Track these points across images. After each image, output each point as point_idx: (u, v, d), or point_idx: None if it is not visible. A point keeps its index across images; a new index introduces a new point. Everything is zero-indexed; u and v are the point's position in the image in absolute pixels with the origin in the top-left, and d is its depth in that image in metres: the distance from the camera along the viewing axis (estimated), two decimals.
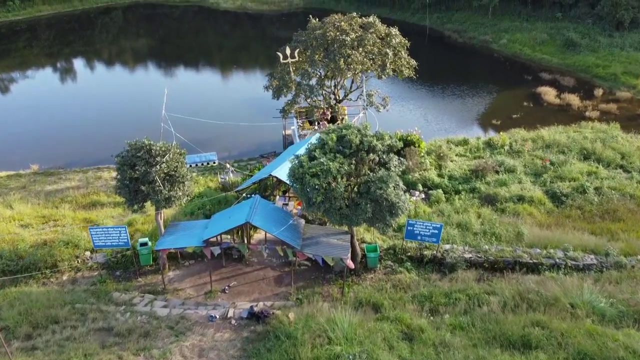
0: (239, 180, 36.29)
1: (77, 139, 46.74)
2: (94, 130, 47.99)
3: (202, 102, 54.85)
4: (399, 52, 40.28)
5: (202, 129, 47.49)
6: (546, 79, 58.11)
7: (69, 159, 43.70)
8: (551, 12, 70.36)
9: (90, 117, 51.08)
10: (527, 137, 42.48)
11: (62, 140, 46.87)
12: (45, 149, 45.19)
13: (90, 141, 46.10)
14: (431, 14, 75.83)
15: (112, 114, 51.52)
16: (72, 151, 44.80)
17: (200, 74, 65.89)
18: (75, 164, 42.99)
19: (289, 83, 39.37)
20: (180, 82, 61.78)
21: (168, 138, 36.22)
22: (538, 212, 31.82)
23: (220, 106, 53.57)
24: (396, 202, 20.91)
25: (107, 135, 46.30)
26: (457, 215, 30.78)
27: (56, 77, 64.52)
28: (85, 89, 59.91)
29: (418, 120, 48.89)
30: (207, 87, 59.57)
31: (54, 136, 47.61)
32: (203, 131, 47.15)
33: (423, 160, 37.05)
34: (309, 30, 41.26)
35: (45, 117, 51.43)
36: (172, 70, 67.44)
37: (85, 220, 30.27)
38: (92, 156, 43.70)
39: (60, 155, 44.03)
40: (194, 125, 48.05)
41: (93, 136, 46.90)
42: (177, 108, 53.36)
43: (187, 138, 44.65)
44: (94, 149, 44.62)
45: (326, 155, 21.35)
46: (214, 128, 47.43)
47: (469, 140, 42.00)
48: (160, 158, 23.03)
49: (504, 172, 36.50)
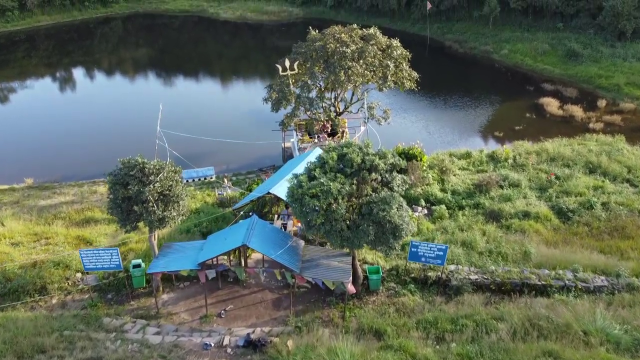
0: (236, 195, 35.28)
1: (73, 152, 45.75)
2: (91, 143, 47.00)
3: (201, 113, 53.95)
4: (401, 64, 39.40)
5: (198, 143, 46.36)
6: (548, 89, 57.24)
7: (64, 173, 42.69)
8: (552, 23, 69.62)
9: (88, 129, 50.16)
10: (531, 150, 41.50)
11: (58, 152, 45.89)
12: (40, 162, 44.16)
13: (87, 154, 45.09)
14: (431, 24, 75.12)
15: (109, 126, 50.59)
16: (68, 164, 43.81)
17: (199, 85, 65.07)
18: (71, 177, 41.98)
19: (288, 96, 38.47)
20: (179, 92, 60.97)
21: (163, 154, 35.29)
22: (544, 228, 30.77)
23: (219, 117, 52.75)
24: (400, 224, 19.88)
25: (104, 148, 45.32)
26: (462, 233, 29.73)
27: (54, 88, 63.66)
28: (83, 101, 59.03)
29: (420, 132, 47.97)
30: (206, 97, 58.70)
31: (50, 148, 46.62)
32: (200, 145, 46.10)
33: (425, 175, 36.06)
34: (309, 41, 40.44)
35: (41, 129, 50.46)
36: (171, 81, 66.64)
37: (78, 239, 29.23)
38: (88, 169, 42.67)
39: (55, 169, 43.02)
40: (190, 139, 47.13)
41: (90, 149, 45.89)
42: (174, 120, 52.47)
43: (183, 153, 43.49)
44: (91, 162, 43.61)
45: (326, 174, 20.35)
46: (211, 141, 46.47)
47: (472, 154, 41.01)
48: (154, 177, 22.02)
49: (509, 187, 35.48)
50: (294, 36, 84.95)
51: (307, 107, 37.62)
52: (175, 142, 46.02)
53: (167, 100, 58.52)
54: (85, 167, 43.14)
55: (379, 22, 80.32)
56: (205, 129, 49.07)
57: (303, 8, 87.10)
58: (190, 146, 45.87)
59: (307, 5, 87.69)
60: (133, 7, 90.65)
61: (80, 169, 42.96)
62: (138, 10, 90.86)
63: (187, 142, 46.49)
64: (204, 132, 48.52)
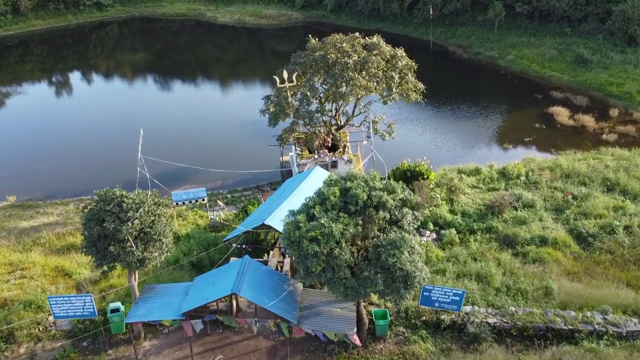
0: (230, 218, 32.50)
1: (61, 166, 42.90)
2: (80, 156, 44.16)
3: (195, 121, 51.10)
4: (406, 76, 36.61)
5: (190, 158, 43.63)
6: (558, 97, 54.40)
7: (50, 189, 39.89)
8: (559, 27, 66.75)
9: (77, 142, 47.26)
10: (543, 166, 38.71)
11: (44, 167, 42.96)
12: (25, 177, 41.36)
13: (75, 168, 42.30)
14: (434, 28, 72.21)
15: (100, 138, 47.63)
16: (55, 180, 40.98)
17: (194, 91, 62.09)
18: (57, 194, 39.21)
19: (287, 109, 35.71)
20: (174, 98, 58.04)
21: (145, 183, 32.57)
22: (563, 256, 28.03)
23: (214, 127, 49.87)
24: (412, 271, 17.11)
25: (93, 162, 42.54)
26: (475, 263, 26.98)
27: (45, 96, 60.60)
28: (74, 110, 56.11)
29: (426, 145, 45.16)
30: (202, 105, 55.71)
31: (36, 162, 43.72)
32: (192, 158, 43.29)
33: (433, 195, 33.27)
34: (308, 50, 37.63)
35: (28, 141, 47.53)
36: (166, 88, 63.73)
37: (57, 270, 26.49)
38: (76, 186, 39.91)
39: (40, 185, 40.18)
40: (181, 153, 44.25)
41: (78, 163, 43.08)
42: (166, 130, 49.72)
43: (172, 169, 40.75)
44: (79, 178, 40.84)
45: (327, 213, 17.57)
46: (204, 154, 43.66)
47: (482, 170, 38.22)
48: (132, 213, 19.24)
49: (523, 208, 32.73)
50: (294, 40, 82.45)
51: (306, 122, 34.84)
52: (165, 157, 43.20)
53: (161, 107, 56.10)
54: (73, 183, 40.38)
55: (380, 26, 77.64)
56: (199, 141, 46.38)
57: (303, 12, 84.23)
58: (181, 161, 43.10)
59: (306, 9, 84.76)
60: (129, 11, 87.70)
61: (67, 185, 40.18)
62: (134, 14, 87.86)
63: (177, 157, 43.58)
64: (197, 145, 45.85)
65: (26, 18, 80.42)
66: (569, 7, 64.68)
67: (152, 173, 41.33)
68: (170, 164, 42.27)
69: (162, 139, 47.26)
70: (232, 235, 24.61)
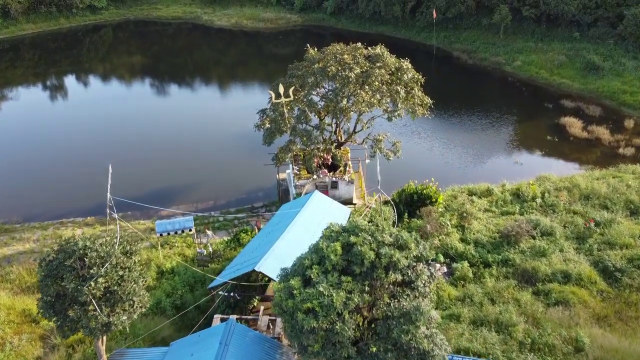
0: (220, 247, 29.26)
1: (42, 186, 39.51)
2: (64, 175, 40.74)
3: (186, 131, 47.76)
4: (412, 90, 33.34)
5: (179, 172, 40.47)
6: (569, 107, 51.10)
7: (30, 210, 36.68)
8: (568, 32, 63.34)
9: (62, 159, 43.50)
10: (560, 186, 35.47)
11: (24, 186, 39.60)
12: (3, 197, 38.11)
13: (56, 188, 39.04)
14: (437, 32, 68.82)
15: (87, 154, 43.97)
16: (35, 200, 37.72)
17: (188, 97, 58.60)
18: (36, 216, 36.03)
19: (283, 127, 32.48)
20: (167, 105, 54.64)
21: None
22: (590, 296, 24.86)
23: (206, 138, 46.24)
24: (430, 349, 13.89)
25: (76, 182, 39.10)
26: (493, 306, 23.81)
27: (30, 106, 56.54)
28: (59, 123, 51.74)
29: (433, 161, 41.81)
30: (195, 113, 52.25)
31: (15, 181, 40.29)
32: (181, 174, 40.06)
33: (443, 222, 30.04)
34: (307, 61, 34.35)
35: (6, 158, 44.02)
36: (159, 95, 60.45)
37: (23, 315, 23.30)
38: (57, 207, 36.71)
39: (19, 206, 37.00)
40: (169, 167, 40.96)
41: (61, 182, 39.76)
42: (156, 140, 46.25)
43: (160, 187, 37.49)
44: (61, 199, 37.57)
45: (327, 276, 14.36)
46: (195, 173, 40.33)
47: (493, 190, 34.97)
48: (97, 269, 16.02)
49: (541, 236, 29.53)
50: (293, 43, 79.06)
51: (304, 142, 31.60)
52: (151, 172, 39.91)
53: (153, 116, 52.45)
54: (54, 203, 37.13)
55: (381, 30, 74.26)
56: (189, 154, 42.96)
57: (301, 15, 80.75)
58: (170, 179, 39.90)
59: (305, 12, 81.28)
60: (124, 14, 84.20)
61: (47, 206, 36.96)
62: (129, 17, 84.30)
63: (165, 174, 40.41)
64: (187, 158, 42.51)
65: (17, 22, 76.99)
66: (578, 11, 61.27)
67: (136, 190, 38.18)
68: (160, 185, 39.29)
69: (151, 150, 44.11)
70: (218, 281, 21.36)
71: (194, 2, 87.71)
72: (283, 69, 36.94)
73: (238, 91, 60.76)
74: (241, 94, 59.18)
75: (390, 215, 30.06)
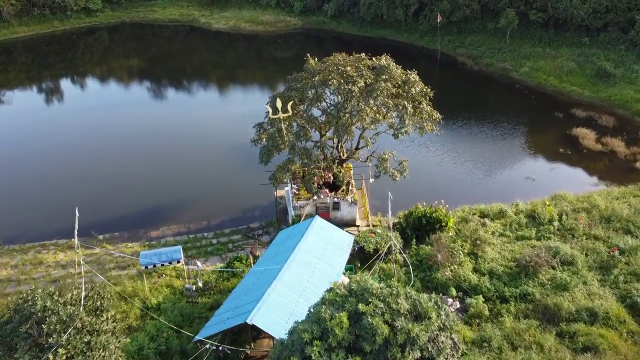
0: (212, 278, 26.53)
1: (25, 203, 36.68)
2: (47, 191, 37.92)
3: (179, 140, 44.90)
4: (420, 104, 30.59)
5: (171, 191, 37.57)
6: (580, 116, 48.39)
7: (10, 231, 33.83)
8: (577, 37, 60.54)
9: (46, 173, 40.75)
10: (578, 206, 32.73)
11: (6, 202, 36.82)
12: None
13: (39, 207, 36.11)
14: (441, 36, 65.99)
15: (74, 167, 41.30)
16: (17, 218, 34.98)
17: (183, 103, 55.52)
18: (17, 238, 33.22)
19: (281, 144, 29.74)
20: (160, 114, 51.79)
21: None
22: (620, 338, 22.19)
23: (200, 151, 43.27)
24: None
25: (62, 198, 36.41)
26: (513, 352, 21.13)
27: (17, 115, 53.39)
28: (51, 129, 49.42)
29: (441, 177, 39.04)
30: (189, 121, 49.41)
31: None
32: (173, 192, 37.16)
33: (455, 250, 27.31)
34: (306, 72, 31.55)
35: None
36: (155, 97, 57.67)
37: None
38: (39, 227, 33.93)
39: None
40: (159, 184, 38.06)
41: (45, 199, 36.91)
42: (147, 149, 43.48)
43: (150, 206, 34.54)
44: (43, 217, 34.75)
45: (332, 355, 11.64)
46: (187, 188, 37.52)
47: (507, 212, 32.23)
48: (57, 337, 13.30)
49: (561, 266, 26.82)
50: (292, 47, 76.23)
51: (304, 161, 28.86)
52: (141, 191, 36.88)
53: (146, 124, 49.40)
54: (37, 223, 34.31)
55: (383, 34, 71.50)
56: (180, 167, 40.09)
57: (301, 18, 77.86)
58: (161, 195, 37.06)
59: (305, 15, 78.37)
60: (119, 17, 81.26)
61: (29, 226, 34.17)
62: (125, 20, 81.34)
63: (156, 189, 37.57)
64: (178, 171, 39.60)
65: (9, 24, 74.10)
66: (588, 16, 58.46)
67: (125, 207, 35.40)
68: (147, 202, 36.47)
69: (141, 163, 41.33)
70: (205, 334, 18.57)
71: (191, 4, 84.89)
72: (282, 73, 34.09)
73: (235, 98, 57.80)
74: (238, 101, 56.14)
75: (397, 243, 27.34)
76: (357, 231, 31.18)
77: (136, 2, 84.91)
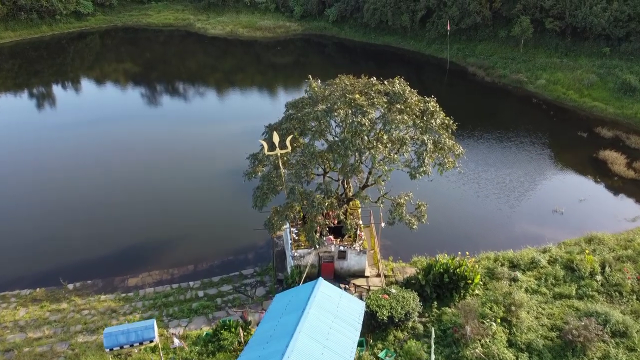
0: (194, 353, 21.53)
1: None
2: (9, 230, 32.69)
3: (164, 171, 39.35)
4: (441, 136, 25.51)
5: (153, 228, 32.19)
6: (606, 136, 43.36)
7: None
8: (596, 46, 55.38)
9: (11, 206, 35.28)
10: (619, 253, 27.75)
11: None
12: None
13: (1, 246, 31.04)
14: (450, 44, 60.77)
15: (41, 201, 35.62)
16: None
17: (176, 116, 50.41)
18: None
19: (278, 185, 24.72)
20: (145, 131, 46.55)
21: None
22: None
23: (187, 182, 37.58)
24: None
25: (25, 238, 31.23)
26: None
27: (6, 125, 48.76)
28: (20, 154, 42.33)
29: (463, 213, 33.78)
30: (177, 145, 44.17)
31: None
32: (156, 230, 31.62)
33: (487, 322, 22.30)
34: (309, 99, 26.44)
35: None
36: (144, 110, 52.34)
37: None
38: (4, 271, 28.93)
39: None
40: (140, 220, 32.35)
41: (6, 240, 31.67)
42: (129, 179, 34.81)
43: (120, 248, 29.01)
44: (2, 262, 29.55)
45: None
46: (172, 225, 32.17)
47: (540, 262, 27.17)
48: None
49: (611, 337, 21.89)
50: (291, 53, 71.06)
51: (306, 209, 23.83)
52: (119, 229, 31.20)
53: (127, 147, 42.64)
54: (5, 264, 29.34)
55: (388, 41, 66.39)
56: (168, 205, 34.22)
57: (302, 23, 72.50)
58: (142, 233, 31.52)
59: (306, 20, 72.98)
60: (111, 21, 75.89)
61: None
62: (117, 24, 75.97)
63: (136, 226, 31.86)
64: (165, 209, 33.59)
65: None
66: (609, 24, 53.27)
67: (100, 248, 30.24)
68: (128, 231, 31.19)
69: (121, 190, 36.02)
70: None
71: (186, 8, 79.64)
72: (281, 79, 28.84)
73: (229, 113, 52.10)
74: (233, 117, 50.40)
75: (416, 305, 22.41)
76: (366, 284, 26.26)
77: (129, 5, 79.63)
